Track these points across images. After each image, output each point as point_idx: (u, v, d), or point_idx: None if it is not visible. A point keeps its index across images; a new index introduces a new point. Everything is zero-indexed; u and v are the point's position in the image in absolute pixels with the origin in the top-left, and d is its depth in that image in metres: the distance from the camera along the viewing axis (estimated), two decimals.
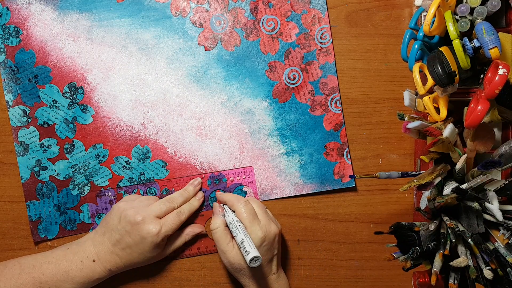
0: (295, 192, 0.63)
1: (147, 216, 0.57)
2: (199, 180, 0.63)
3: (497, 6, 0.49)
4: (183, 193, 0.62)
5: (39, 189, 0.62)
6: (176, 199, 0.61)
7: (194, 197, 0.62)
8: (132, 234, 0.56)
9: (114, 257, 0.58)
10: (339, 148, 0.63)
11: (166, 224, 0.57)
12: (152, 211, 0.58)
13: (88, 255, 0.58)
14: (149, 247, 0.57)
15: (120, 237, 0.57)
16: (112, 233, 0.58)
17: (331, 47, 0.62)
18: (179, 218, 0.59)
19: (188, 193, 0.62)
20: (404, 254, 0.50)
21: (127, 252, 0.57)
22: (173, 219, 0.58)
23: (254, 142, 0.63)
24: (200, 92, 0.63)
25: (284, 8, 0.62)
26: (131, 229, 0.56)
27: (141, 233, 0.56)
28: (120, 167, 0.63)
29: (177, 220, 0.59)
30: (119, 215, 0.58)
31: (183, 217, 0.60)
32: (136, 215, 0.57)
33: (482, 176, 0.47)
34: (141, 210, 0.57)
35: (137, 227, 0.56)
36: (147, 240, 0.56)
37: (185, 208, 0.61)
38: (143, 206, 0.58)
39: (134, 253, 0.57)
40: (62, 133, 0.62)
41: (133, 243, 0.57)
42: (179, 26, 0.62)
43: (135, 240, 0.57)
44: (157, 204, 0.59)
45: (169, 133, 0.63)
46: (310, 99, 0.63)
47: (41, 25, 0.61)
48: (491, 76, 0.45)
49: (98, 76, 0.62)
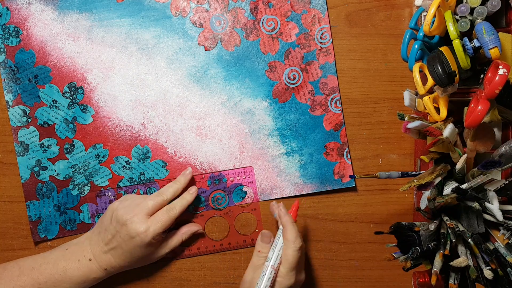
0: (295, 192, 0.63)
1: (135, 215, 0.56)
2: (189, 170, 0.62)
3: (497, 6, 0.49)
4: (173, 185, 0.60)
5: (39, 189, 0.62)
6: (166, 191, 0.59)
7: (187, 191, 0.61)
8: (122, 234, 0.56)
9: (108, 256, 0.58)
10: (339, 148, 0.63)
11: (155, 221, 0.56)
12: (141, 209, 0.57)
13: (85, 254, 0.58)
14: (139, 246, 0.56)
15: (111, 237, 0.57)
16: (105, 232, 0.58)
17: (331, 47, 0.62)
18: (169, 215, 0.58)
19: (179, 184, 0.60)
20: (404, 254, 0.50)
21: (118, 252, 0.57)
22: (162, 216, 0.57)
23: (254, 142, 0.63)
24: (200, 92, 0.63)
25: (284, 8, 0.62)
26: (120, 229, 0.56)
27: (129, 232, 0.56)
28: (120, 167, 0.63)
29: (166, 217, 0.57)
30: (111, 215, 0.58)
31: (174, 213, 0.58)
32: (124, 214, 0.56)
33: (482, 176, 0.47)
34: (130, 210, 0.57)
35: (125, 227, 0.56)
36: (135, 239, 0.56)
37: (176, 204, 0.59)
38: (134, 205, 0.57)
39: (126, 253, 0.57)
40: (62, 133, 0.62)
41: (123, 243, 0.56)
42: (179, 26, 0.62)
43: (124, 240, 0.56)
44: (146, 200, 0.58)
45: (169, 133, 0.63)
46: (310, 99, 0.63)
47: (41, 25, 0.61)
48: (491, 76, 0.45)
49: (98, 76, 0.62)
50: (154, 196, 0.59)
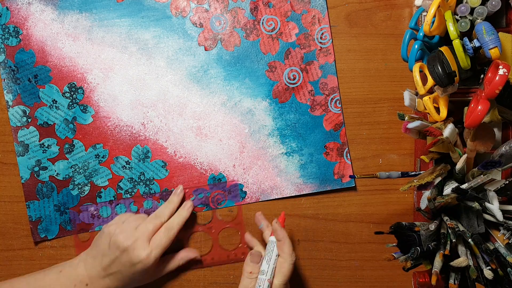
0: (295, 192, 0.63)
1: (136, 241, 0.55)
2: (181, 188, 0.62)
3: (497, 6, 0.49)
4: (168, 205, 0.60)
5: (39, 189, 0.62)
6: (163, 213, 0.59)
7: (182, 207, 0.61)
8: (122, 260, 0.55)
9: (106, 281, 0.57)
10: (339, 148, 0.63)
11: (155, 245, 0.56)
12: (140, 234, 0.56)
13: (82, 279, 0.57)
14: (140, 272, 0.56)
15: (110, 262, 0.56)
16: (103, 257, 0.57)
17: (331, 47, 0.62)
18: (168, 236, 0.58)
19: (173, 204, 0.60)
20: (404, 254, 0.50)
21: (118, 277, 0.56)
22: (163, 238, 0.57)
23: (254, 142, 0.63)
24: (200, 92, 0.63)
25: (284, 8, 0.62)
26: (121, 255, 0.55)
27: (131, 259, 0.55)
28: (120, 167, 0.63)
29: (166, 239, 0.57)
30: (108, 240, 0.57)
31: (173, 233, 0.58)
32: (125, 241, 0.55)
33: (482, 176, 0.47)
34: (130, 234, 0.56)
35: (127, 253, 0.55)
36: (137, 266, 0.55)
37: (173, 222, 0.59)
38: (131, 229, 0.57)
39: (126, 278, 0.56)
40: (62, 133, 0.62)
41: (124, 268, 0.56)
42: (179, 26, 0.62)
43: (125, 266, 0.56)
44: (145, 224, 0.57)
45: (169, 133, 0.63)
46: (310, 99, 0.63)
47: (41, 25, 0.61)
48: (491, 76, 0.45)
49: (98, 76, 0.62)
50: (151, 219, 0.58)
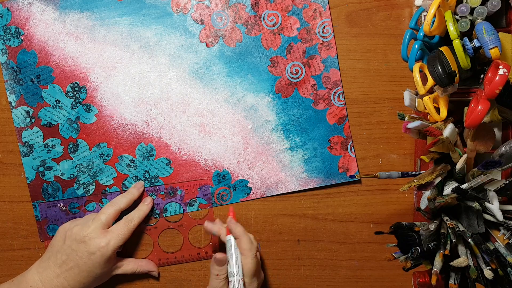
0: (300, 187, 0.63)
1: (93, 230, 0.55)
2: (142, 183, 0.62)
3: (497, 6, 0.49)
4: (125, 195, 0.60)
5: (44, 189, 0.62)
6: (119, 201, 0.59)
7: (142, 202, 0.61)
8: (80, 252, 0.55)
9: (61, 280, 0.56)
10: (343, 141, 0.63)
11: (115, 235, 0.56)
12: (97, 223, 0.56)
13: (32, 284, 0.56)
14: (98, 262, 0.55)
15: (66, 257, 0.56)
16: (58, 255, 0.56)
17: (333, 41, 0.62)
18: (128, 227, 0.58)
19: (132, 195, 0.61)
20: (404, 254, 0.50)
21: (74, 272, 0.56)
22: (121, 228, 0.57)
23: (258, 138, 0.63)
24: (202, 89, 0.63)
25: (285, 3, 0.61)
26: (78, 247, 0.55)
27: (89, 248, 0.55)
28: (124, 166, 0.63)
29: (125, 229, 0.57)
30: (64, 235, 0.57)
31: (132, 225, 0.58)
32: (81, 231, 0.55)
33: (482, 176, 0.47)
34: (86, 226, 0.56)
35: (84, 244, 0.55)
36: (96, 255, 0.55)
37: (134, 215, 0.59)
38: (87, 220, 0.57)
39: (83, 272, 0.56)
40: (66, 133, 0.62)
41: (81, 261, 0.55)
42: (180, 23, 0.62)
43: (82, 258, 0.55)
44: (101, 213, 0.57)
45: (172, 131, 0.63)
46: (313, 94, 0.63)
47: (42, 25, 0.61)
48: (491, 76, 0.45)
49: (100, 75, 0.62)
50: (105, 208, 0.58)
